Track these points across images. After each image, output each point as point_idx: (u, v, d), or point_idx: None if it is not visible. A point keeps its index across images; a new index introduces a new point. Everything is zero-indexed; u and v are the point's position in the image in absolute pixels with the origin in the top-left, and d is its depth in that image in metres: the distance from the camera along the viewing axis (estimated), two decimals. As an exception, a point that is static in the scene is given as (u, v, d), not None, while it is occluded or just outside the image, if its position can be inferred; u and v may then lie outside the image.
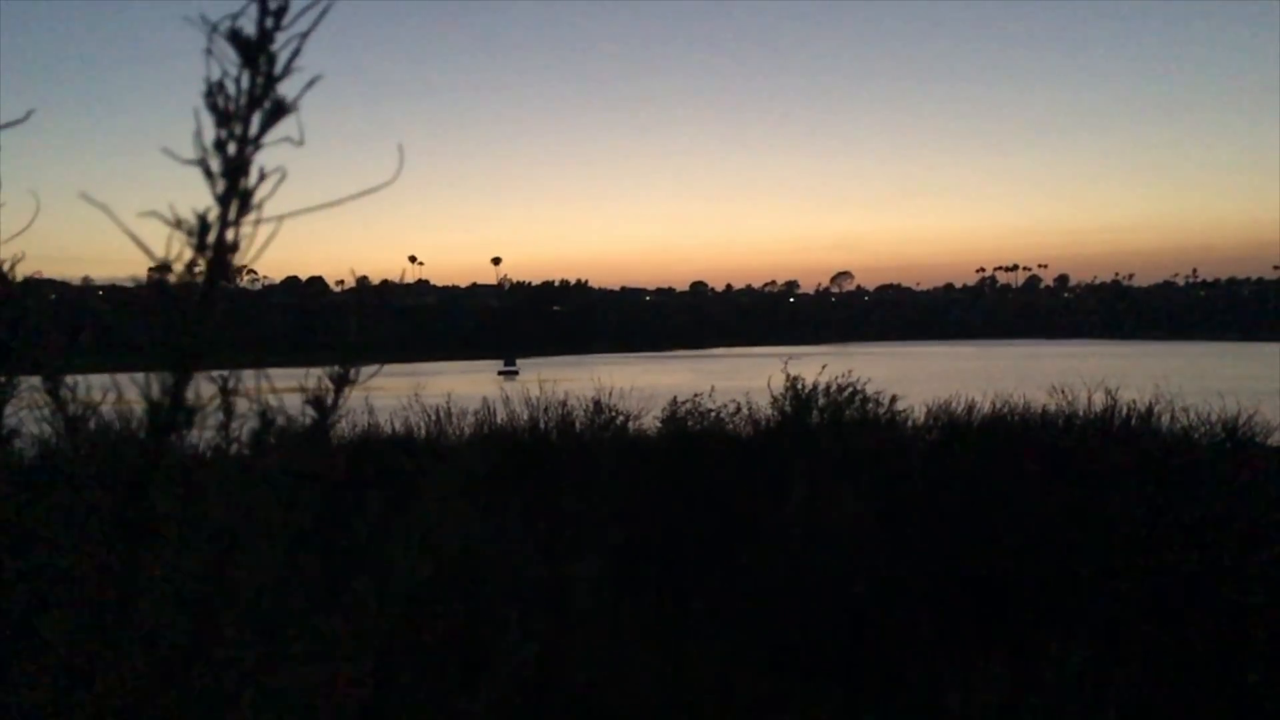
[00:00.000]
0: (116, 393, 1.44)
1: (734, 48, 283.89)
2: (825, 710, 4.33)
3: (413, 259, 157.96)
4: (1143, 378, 10.63)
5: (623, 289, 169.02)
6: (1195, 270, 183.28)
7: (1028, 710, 3.61)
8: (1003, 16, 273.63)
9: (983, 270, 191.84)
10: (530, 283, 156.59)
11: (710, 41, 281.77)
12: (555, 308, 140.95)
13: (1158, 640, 4.79)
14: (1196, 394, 9.14)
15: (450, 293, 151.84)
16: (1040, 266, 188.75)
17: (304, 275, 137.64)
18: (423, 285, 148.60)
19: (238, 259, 1.00)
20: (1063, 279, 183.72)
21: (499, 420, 8.94)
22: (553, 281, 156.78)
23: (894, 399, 9.18)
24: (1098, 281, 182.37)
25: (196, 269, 0.98)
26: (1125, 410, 8.72)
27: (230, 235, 0.99)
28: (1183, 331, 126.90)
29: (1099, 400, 8.84)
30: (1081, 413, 8.81)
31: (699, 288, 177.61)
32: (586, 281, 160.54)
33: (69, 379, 1.53)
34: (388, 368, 1.56)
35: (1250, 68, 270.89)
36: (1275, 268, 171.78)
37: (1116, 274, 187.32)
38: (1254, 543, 5.45)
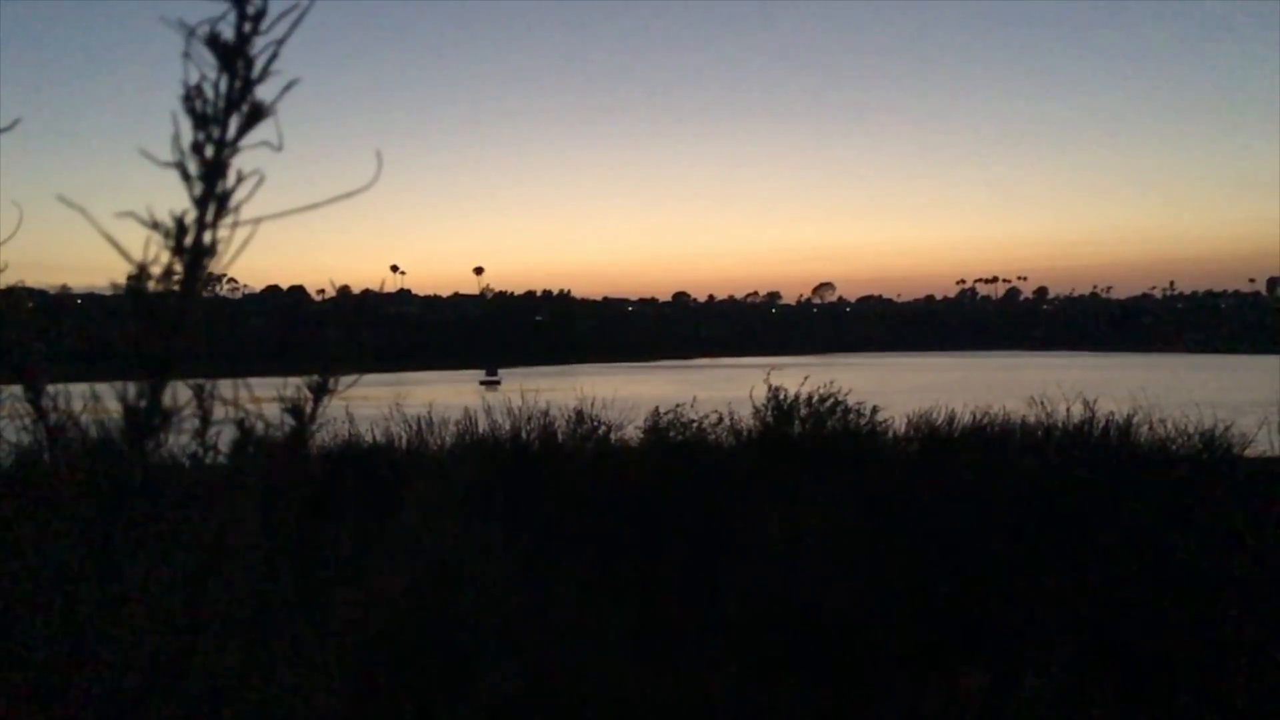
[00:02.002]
0: (94, 401, 1.43)
1: (716, 59, 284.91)
2: (808, 717, 4.33)
3: (394, 268, 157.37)
4: (1120, 389, 10.71)
5: (605, 299, 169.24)
6: (1172, 283, 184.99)
7: (1009, 712, 3.63)
8: (985, 29, 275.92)
9: (963, 282, 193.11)
10: (512, 292, 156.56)
11: (693, 53, 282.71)
12: (537, 317, 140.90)
13: (1136, 652, 4.82)
14: (1174, 406, 9.21)
15: (432, 302, 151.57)
16: (1020, 278, 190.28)
17: (285, 284, 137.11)
18: (404, 294, 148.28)
19: (216, 262, 1.00)
20: (1042, 291, 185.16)
21: (481, 430, 8.91)
22: (535, 291, 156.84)
23: (875, 410, 9.22)
24: (1076, 294, 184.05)
25: (174, 272, 0.97)
26: (1104, 421, 8.78)
27: (208, 238, 0.98)
28: (1160, 344, 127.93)
29: (1077, 412, 8.90)
30: (1060, 424, 8.87)
31: (681, 298, 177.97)
32: (569, 291, 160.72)
33: (50, 388, 1.51)
34: (369, 377, 1.55)
35: (1228, 82, 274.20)
36: (1251, 280, 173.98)
37: (1095, 286, 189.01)
38: (1233, 554, 5.49)
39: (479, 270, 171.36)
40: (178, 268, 0.98)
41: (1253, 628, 4.80)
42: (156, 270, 0.98)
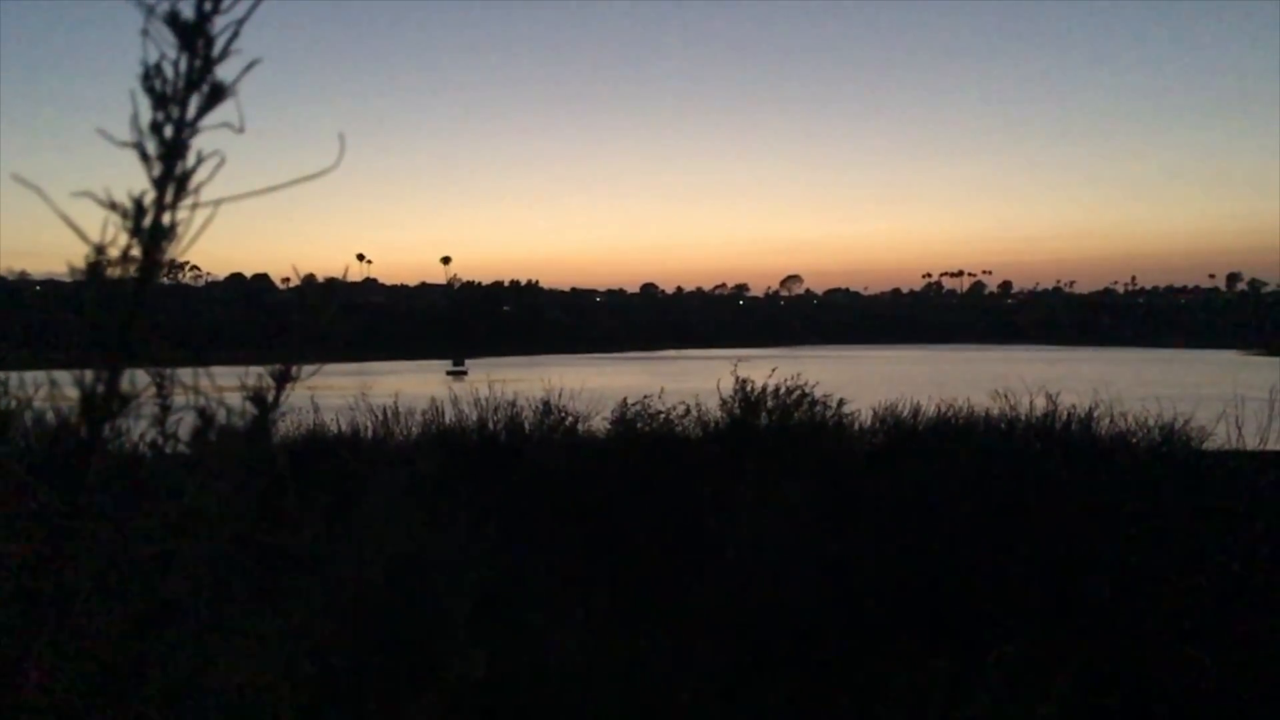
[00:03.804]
0: (52, 388, 1.40)
1: (685, 52, 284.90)
2: (771, 709, 4.36)
3: (361, 257, 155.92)
4: (1083, 383, 10.84)
5: (573, 290, 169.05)
6: (1134, 278, 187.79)
7: (969, 707, 3.66)
8: (953, 27, 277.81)
9: (929, 275, 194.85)
10: (480, 282, 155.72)
11: (661, 46, 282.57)
12: (505, 308, 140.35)
13: (1098, 638, 4.89)
14: (1134, 399, 9.35)
15: (399, 292, 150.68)
16: (985, 273, 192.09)
17: (249, 272, 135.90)
18: (371, 284, 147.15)
19: (175, 244, 0.98)
20: (1006, 285, 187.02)
21: (447, 420, 8.87)
22: (503, 281, 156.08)
23: (841, 402, 9.27)
24: (1040, 288, 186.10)
25: (132, 254, 0.95)
26: (1065, 414, 8.89)
27: (167, 219, 0.96)
28: (1122, 338, 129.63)
29: (1040, 404, 9.01)
30: (1023, 416, 8.96)
31: (649, 289, 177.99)
32: (537, 282, 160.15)
33: (9, 375, 1.49)
34: (335, 366, 1.54)
35: (1192, 82, 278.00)
36: (1211, 276, 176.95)
37: (1058, 281, 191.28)
38: (1188, 542, 5.58)
39: (446, 260, 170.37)
40: (136, 250, 0.96)
41: (1214, 612, 4.89)
42: (114, 252, 0.96)
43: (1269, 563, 5.24)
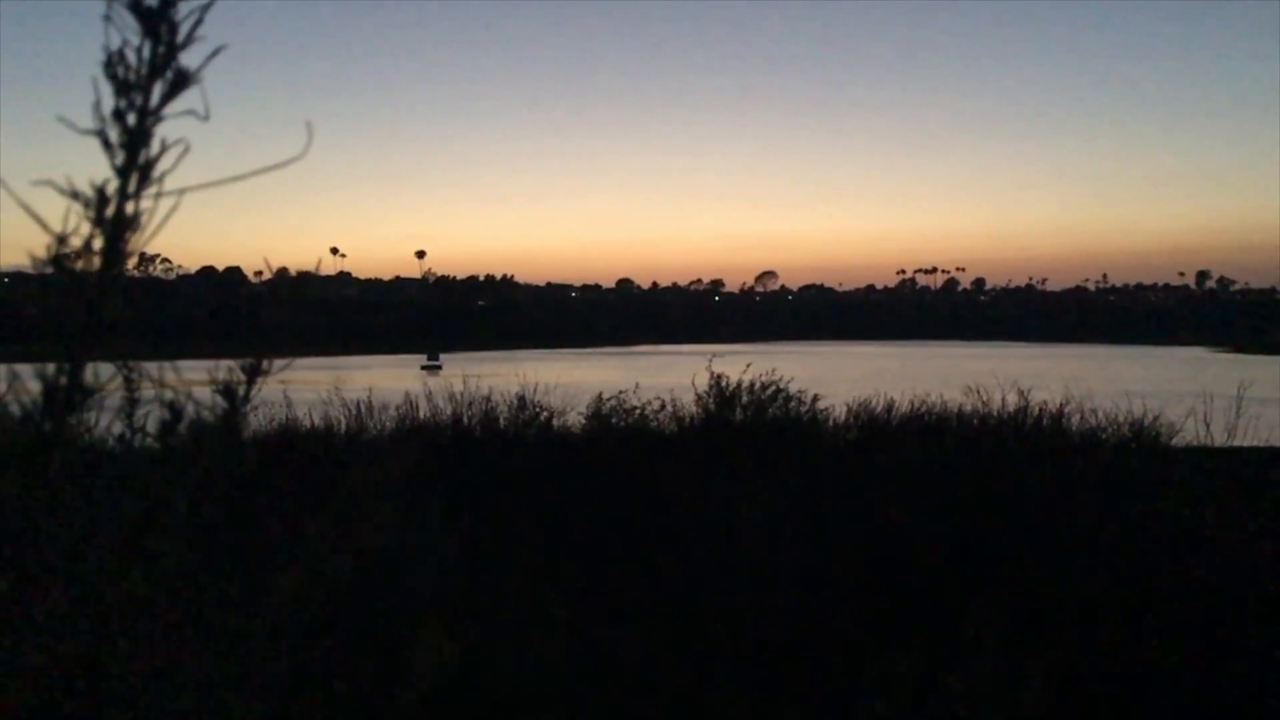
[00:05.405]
0: (16, 381, 1.38)
1: (659, 47, 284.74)
2: (746, 703, 4.37)
3: (335, 251, 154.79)
4: (1054, 379, 10.94)
5: (549, 285, 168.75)
6: (1105, 276, 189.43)
7: (943, 695, 3.69)
8: (924, 22, 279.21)
9: (903, 272, 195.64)
10: (455, 277, 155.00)
11: (636, 41, 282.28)
12: (480, 303, 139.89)
13: (1071, 627, 4.93)
14: (1105, 396, 9.45)
15: (373, 286, 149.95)
16: (958, 270, 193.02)
17: (221, 265, 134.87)
18: (345, 277, 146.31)
19: (139, 234, 0.96)
20: (979, 282, 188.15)
21: (421, 415, 8.84)
22: (478, 276, 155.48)
23: (816, 398, 9.32)
24: (1012, 285, 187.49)
25: (95, 244, 0.94)
26: (1037, 410, 8.97)
27: (130, 208, 0.95)
28: (1093, 335, 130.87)
29: (1012, 400, 9.09)
30: (996, 412, 9.04)
31: (625, 285, 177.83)
32: (512, 277, 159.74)
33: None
34: (308, 360, 1.53)
35: (1163, 82, 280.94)
36: (1180, 274, 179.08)
37: (1030, 278, 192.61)
38: (1158, 534, 5.64)
39: (421, 254, 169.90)
40: (99, 240, 0.94)
41: (1181, 609, 4.94)
42: (77, 242, 0.94)
43: (1239, 559, 5.31)
